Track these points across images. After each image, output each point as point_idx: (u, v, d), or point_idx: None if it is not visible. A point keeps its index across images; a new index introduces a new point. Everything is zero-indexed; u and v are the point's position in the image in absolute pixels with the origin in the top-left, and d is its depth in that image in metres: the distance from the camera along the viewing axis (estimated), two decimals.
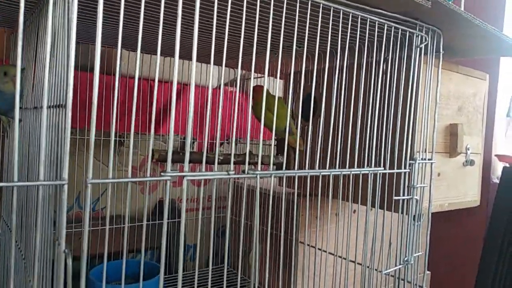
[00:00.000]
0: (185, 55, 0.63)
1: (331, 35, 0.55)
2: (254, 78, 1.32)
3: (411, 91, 0.65)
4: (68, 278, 0.35)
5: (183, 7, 0.44)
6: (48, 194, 0.41)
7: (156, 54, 0.42)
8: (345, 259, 0.68)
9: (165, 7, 0.41)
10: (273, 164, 0.97)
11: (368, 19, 0.57)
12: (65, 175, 0.35)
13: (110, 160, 0.40)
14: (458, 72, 0.81)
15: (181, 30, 0.40)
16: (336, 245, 0.63)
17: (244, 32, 0.56)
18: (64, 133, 0.36)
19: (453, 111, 0.80)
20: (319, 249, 0.70)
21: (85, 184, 0.36)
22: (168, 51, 0.93)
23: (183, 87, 1.31)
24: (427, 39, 0.64)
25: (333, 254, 0.69)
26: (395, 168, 0.64)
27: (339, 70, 0.59)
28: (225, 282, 0.52)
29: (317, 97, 0.80)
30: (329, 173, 0.54)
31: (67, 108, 0.35)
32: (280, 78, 1.03)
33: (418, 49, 0.64)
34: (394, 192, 0.66)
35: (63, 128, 0.38)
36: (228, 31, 0.45)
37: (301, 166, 0.79)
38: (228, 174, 0.44)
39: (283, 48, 0.55)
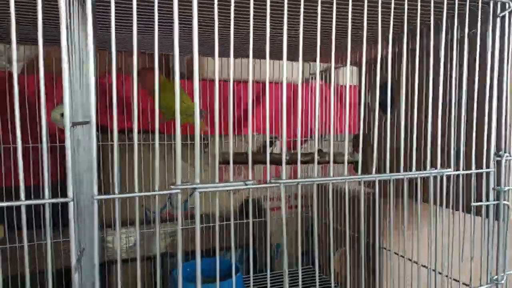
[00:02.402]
0: (259, 55, 0.66)
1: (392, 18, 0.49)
2: (324, 69, 1.24)
3: (491, 72, 0.52)
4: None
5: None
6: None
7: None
8: (440, 273, 0.59)
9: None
10: (348, 163, 0.89)
11: None
12: (70, 193, 0.36)
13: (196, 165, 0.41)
14: None
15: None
16: (416, 253, 0.54)
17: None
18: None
19: None
20: (409, 259, 0.62)
21: (92, 199, 0.37)
22: (242, 53, 0.94)
23: (263, 86, 1.30)
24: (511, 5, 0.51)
25: (426, 267, 0.60)
26: (473, 168, 0.53)
27: (406, 55, 0.51)
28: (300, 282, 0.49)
29: (393, 85, 0.71)
30: (373, 178, 0.47)
31: (66, 126, 0.36)
32: (355, 65, 0.95)
33: (499, 18, 0.51)
34: (476, 196, 0.55)
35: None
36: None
37: (381, 166, 0.71)
38: (246, 185, 0.41)
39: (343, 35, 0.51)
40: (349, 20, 0.47)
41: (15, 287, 0.89)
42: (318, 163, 0.78)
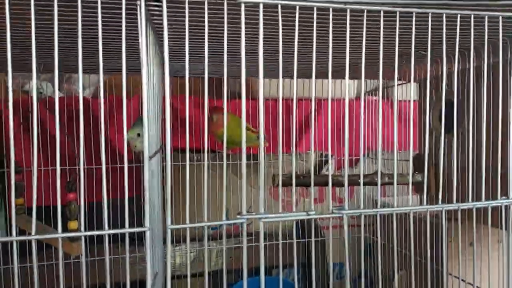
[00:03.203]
0: (319, 75, 0.66)
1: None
2: (390, 86, 1.21)
3: None
4: None
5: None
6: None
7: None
8: None
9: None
10: (412, 184, 0.87)
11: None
12: (147, 222, 0.39)
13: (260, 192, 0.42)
14: None
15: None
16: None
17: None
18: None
19: None
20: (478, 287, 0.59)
21: (165, 229, 0.40)
22: (301, 74, 0.95)
23: (318, 103, 1.29)
24: None
25: None
26: None
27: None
28: None
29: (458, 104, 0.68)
30: (440, 208, 0.45)
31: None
32: (415, 82, 0.92)
33: None
34: None
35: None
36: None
37: (448, 189, 0.68)
38: (308, 215, 0.41)
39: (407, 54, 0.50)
40: (413, 37, 0.46)
41: None
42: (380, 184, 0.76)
